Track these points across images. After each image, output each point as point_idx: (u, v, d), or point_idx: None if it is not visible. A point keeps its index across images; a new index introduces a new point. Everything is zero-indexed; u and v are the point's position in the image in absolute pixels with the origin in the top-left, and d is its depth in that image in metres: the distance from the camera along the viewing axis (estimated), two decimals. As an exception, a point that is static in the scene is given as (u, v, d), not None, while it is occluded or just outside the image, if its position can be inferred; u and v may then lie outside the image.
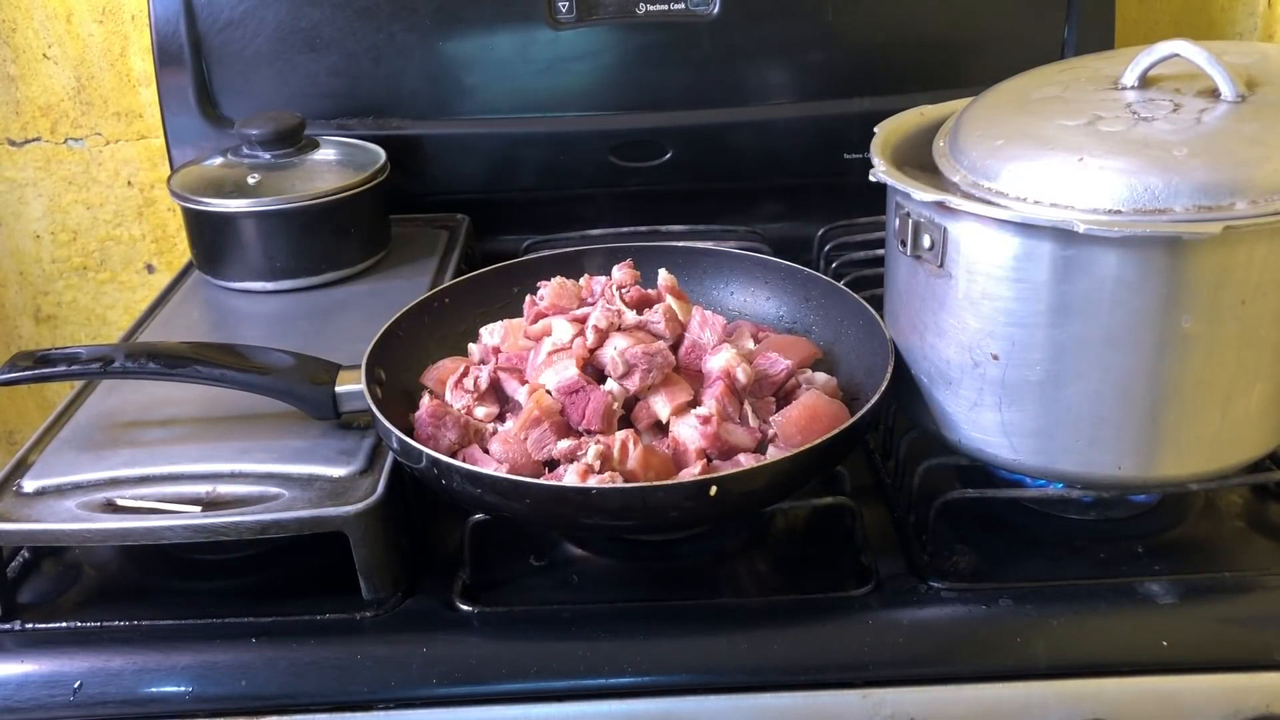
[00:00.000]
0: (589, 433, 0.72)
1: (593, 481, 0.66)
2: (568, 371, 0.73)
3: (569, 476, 0.68)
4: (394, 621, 0.69)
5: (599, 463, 0.68)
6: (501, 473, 0.68)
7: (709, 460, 0.71)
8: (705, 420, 0.71)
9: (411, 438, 0.70)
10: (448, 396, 0.78)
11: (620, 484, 0.67)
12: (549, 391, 0.73)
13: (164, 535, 0.68)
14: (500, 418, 0.77)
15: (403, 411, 0.76)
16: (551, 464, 0.72)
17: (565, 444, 0.71)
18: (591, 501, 0.64)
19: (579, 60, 1.08)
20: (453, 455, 0.72)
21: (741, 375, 0.74)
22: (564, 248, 0.98)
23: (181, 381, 0.76)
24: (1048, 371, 0.67)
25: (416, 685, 0.65)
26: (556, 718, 0.65)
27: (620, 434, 0.70)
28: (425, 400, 0.76)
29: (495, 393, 0.78)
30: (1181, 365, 0.65)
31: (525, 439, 0.72)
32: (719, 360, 0.75)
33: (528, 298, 0.83)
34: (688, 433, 0.72)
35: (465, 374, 0.78)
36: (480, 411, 0.77)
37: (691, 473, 0.69)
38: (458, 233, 1.08)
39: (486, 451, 0.73)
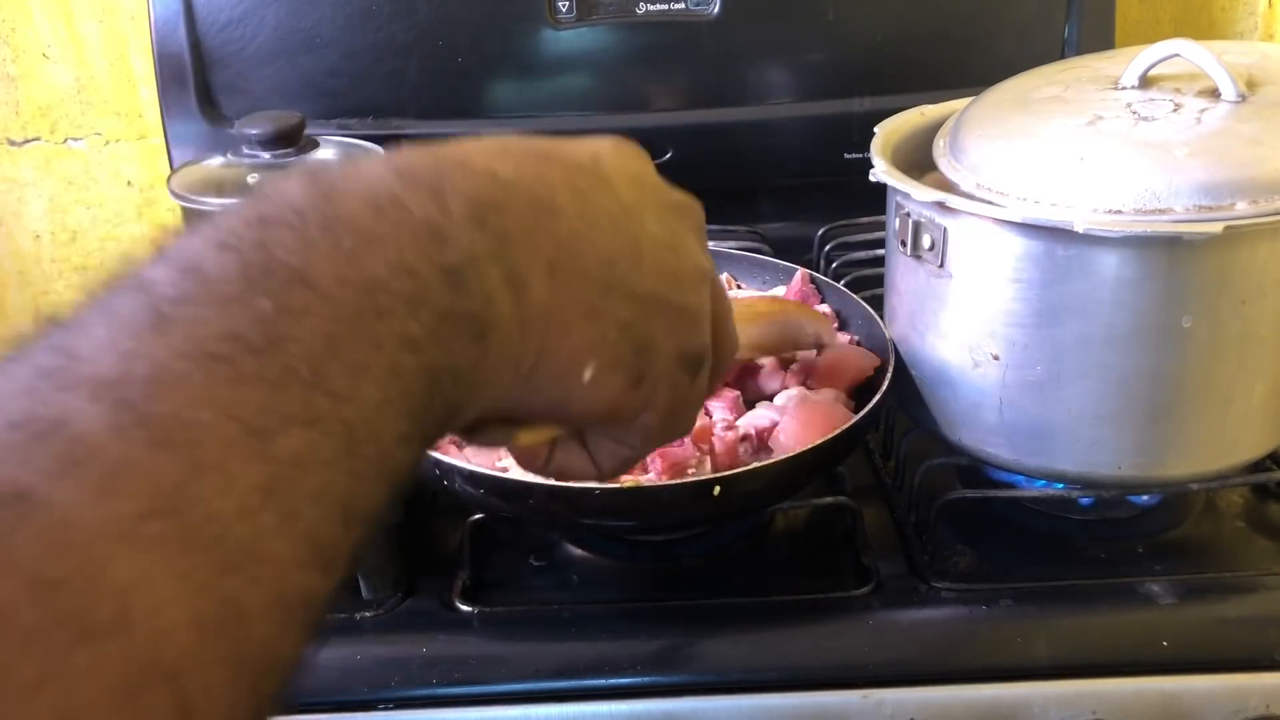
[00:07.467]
0: None
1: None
2: None
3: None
4: (394, 621, 0.69)
5: None
6: (502, 473, 0.67)
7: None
8: (729, 426, 0.71)
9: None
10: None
11: (622, 484, 0.66)
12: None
13: (164, 535, 0.68)
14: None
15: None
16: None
17: None
18: (594, 501, 0.64)
19: (579, 60, 1.08)
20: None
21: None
22: (564, 248, 0.98)
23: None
24: (1048, 371, 0.67)
25: (416, 685, 0.65)
26: (556, 718, 0.64)
27: None
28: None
29: None
30: (1182, 365, 0.65)
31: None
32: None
33: None
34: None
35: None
36: None
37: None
38: (458, 233, 1.08)
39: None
